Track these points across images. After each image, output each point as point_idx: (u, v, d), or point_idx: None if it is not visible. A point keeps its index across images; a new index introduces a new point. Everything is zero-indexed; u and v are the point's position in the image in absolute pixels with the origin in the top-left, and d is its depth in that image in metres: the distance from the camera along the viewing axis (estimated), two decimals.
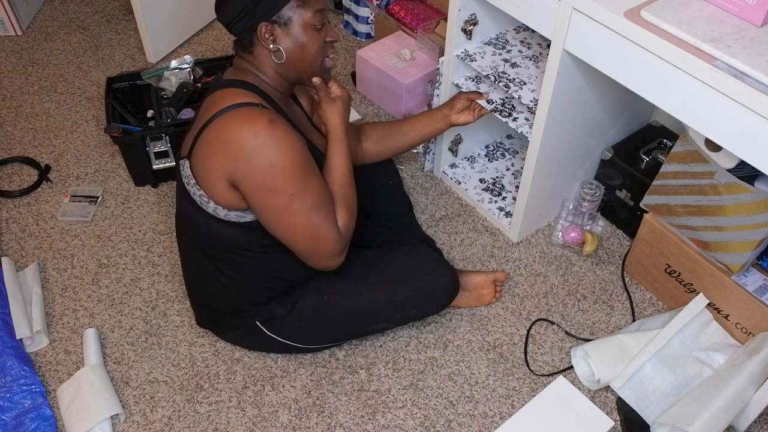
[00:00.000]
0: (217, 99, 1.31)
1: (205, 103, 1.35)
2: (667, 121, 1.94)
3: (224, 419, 1.57)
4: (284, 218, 1.31)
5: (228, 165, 1.26)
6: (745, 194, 1.46)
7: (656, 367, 1.58)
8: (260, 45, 1.33)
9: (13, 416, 1.52)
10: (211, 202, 1.33)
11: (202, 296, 1.59)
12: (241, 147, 1.24)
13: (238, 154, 1.24)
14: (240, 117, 1.25)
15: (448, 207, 2.04)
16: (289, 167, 1.26)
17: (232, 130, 1.24)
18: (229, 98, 1.29)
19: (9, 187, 2.08)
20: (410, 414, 1.58)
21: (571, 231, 1.88)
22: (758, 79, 1.15)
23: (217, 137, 1.26)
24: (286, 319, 1.53)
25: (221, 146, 1.26)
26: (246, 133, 1.23)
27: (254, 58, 1.35)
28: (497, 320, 1.76)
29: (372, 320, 1.59)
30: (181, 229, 1.52)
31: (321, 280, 1.54)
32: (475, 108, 1.77)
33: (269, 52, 1.33)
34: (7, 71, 2.47)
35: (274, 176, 1.25)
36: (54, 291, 1.82)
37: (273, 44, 1.32)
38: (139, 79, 2.14)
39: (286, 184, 1.27)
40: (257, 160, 1.24)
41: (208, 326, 1.66)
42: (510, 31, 1.89)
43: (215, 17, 2.68)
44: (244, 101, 1.28)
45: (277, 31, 1.31)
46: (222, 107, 1.28)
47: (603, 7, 1.32)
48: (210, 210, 1.35)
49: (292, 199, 1.28)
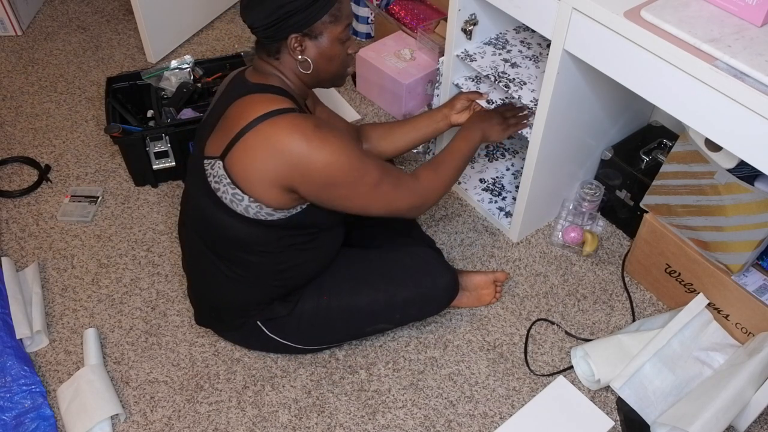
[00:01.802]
0: (251, 103, 1.32)
1: (237, 107, 1.34)
2: (667, 121, 1.94)
3: (224, 419, 1.57)
4: (354, 202, 1.38)
5: (283, 171, 1.29)
6: (745, 194, 1.46)
7: (656, 367, 1.58)
8: (288, 53, 1.36)
9: (13, 416, 1.52)
10: (245, 200, 1.33)
11: (207, 294, 1.58)
12: (295, 154, 1.28)
13: (293, 162, 1.28)
14: (286, 125, 1.28)
15: (448, 207, 2.04)
16: (344, 160, 1.31)
17: (282, 138, 1.28)
18: (266, 104, 1.31)
19: (9, 187, 2.08)
20: (410, 414, 1.59)
21: (571, 231, 1.88)
22: (758, 79, 1.15)
23: (265, 144, 1.28)
24: (286, 319, 1.53)
25: (271, 153, 1.28)
26: (297, 141, 1.27)
27: (279, 64, 1.38)
28: (497, 320, 1.76)
29: (372, 321, 1.60)
30: (190, 226, 1.52)
31: (322, 281, 1.55)
32: (475, 108, 1.77)
33: (296, 61, 1.37)
34: (7, 71, 2.47)
35: (333, 173, 1.31)
36: (54, 291, 1.82)
37: (301, 55, 1.36)
38: (139, 79, 2.14)
39: (346, 176, 1.32)
40: (313, 163, 1.28)
41: (209, 325, 1.66)
42: (510, 31, 1.89)
43: (215, 17, 2.71)
44: (282, 107, 1.31)
45: (306, 43, 1.35)
46: (261, 113, 1.29)
47: (603, 7, 1.32)
48: (239, 208, 1.35)
49: (356, 185, 1.35)
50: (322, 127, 1.30)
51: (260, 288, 1.50)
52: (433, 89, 2.12)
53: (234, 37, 2.64)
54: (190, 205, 1.48)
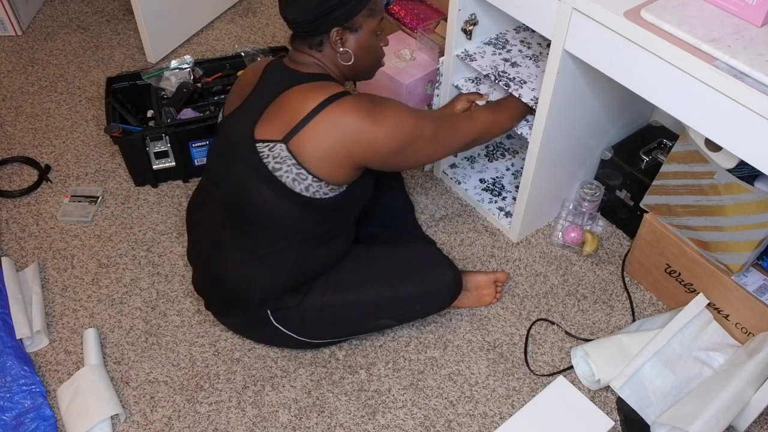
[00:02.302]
0: (311, 90, 1.39)
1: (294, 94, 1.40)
2: (667, 121, 1.94)
3: (224, 419, 1.57)
4: (418, 157, 1.47)
5: (354, 152, 1.37)
6: (745, 194, 1.46)
7: (656, 367, 1.58)
8: (329, 46, 1.43)
9: (13, 416, 1.52)
10: (308, 179, 1.38)
11: (224, 279, 1.56)
12: (364, 133, 1.36)
13: (360, 140, 1.37)
14: (349, 106, 1.37)
15: (448, 207, 2.04)
16: (404, 126, 1.41)
17: (348, 119, 1.36)
18: (326, 90, 1.39)
19: (9, 187, 2.08)
20: (410, 414, 1.59)
21: (571, 231, 1.88)
22: (758, 79, 1.15)
23: (334, 127, 1.36)
24: (293, 310, 1.54)
25: (341, 136, 1.36)
26: (362, 120, 1.36)
27: (321, 56, 1.45)
28: (497, 320, 1.76)
29: (375, 316, 1.60)
30: (219, 207, 1.52)
31: (328, 276, 1.56)
32: None
33: (337, 53, 1.44)
34: (7, 71, 2.47)
35: (398, 139, 1.40)
36: (54, 291, 1.82)
37: (342, 47, 1.43)
38: (139, 79, 2.14)
39: (408, 138, 1.42)
40: (380, 137, 1.38)
41: (218, 310, 1.65)
42: (510, 31, 1.89)
43: (215, 17, 2.71)
44: (340, 91, 1.39)
45: (346, 36, 1.43)
46: (323, 98, 1.37)
47: (603, 7, 1.32)
48: (299, 187, 1.39)
49: (418, 142, 1.44)
50: (377, 102, 1.40)
51: (279, 275, 1.51)
52: (433, 89, 2.12)
53: (234, 37, 2.64)
54: (225, 188, 1.49)
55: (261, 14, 2.75)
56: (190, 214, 1.62)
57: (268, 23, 2.71)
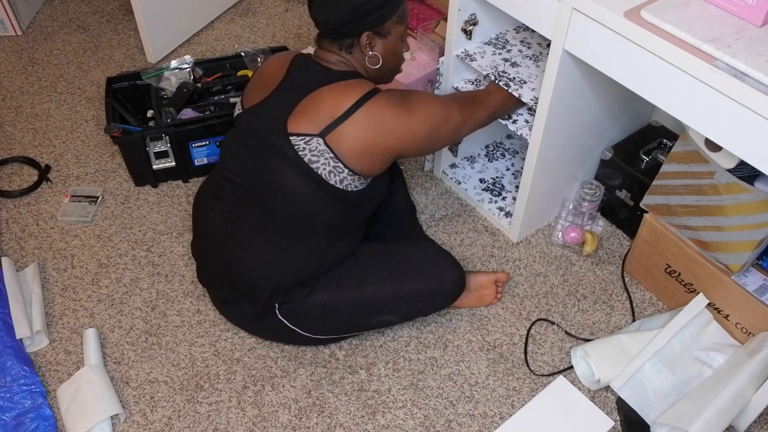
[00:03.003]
0: (348, 87, 1.44)
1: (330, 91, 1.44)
2: (667, 121, 1.94)
3: (224, 419, 1.57)
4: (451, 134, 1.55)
5: (393, 144, 1.44)
6: (745, 194, 1.46)
7: (656, 367, 1.58)
8: (359, 49, 1.48)
9: (13, 416, 1.52)
10: (345, 172, 1.43)
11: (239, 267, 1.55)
12: (398, 128, 1.43)
13: (398, 133, 1.43)
14: (384, 103, 1.43)
15: (448, 207, 2.04)
16: (434, 112, 1.48)
17: (384, 115, 1.42)
18: (361, 87, 1.44)
19: (9, 187, 2.08)
20: (410, 414, 1.58)
21: (571, 231, 1.88)
22: (758, 79, 1.15)
23: (372, 123, 1.42)
24: (298, 305, 1.55)
25: (380, 131, 1.42)
26: (398, 114, 1.43)
27: (351, 57, 1.50)
28: (497, 320, 1.76)
29: (378, 312, 1.60)
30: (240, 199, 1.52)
31: (332, 272, 1.57)
32: None
33: (366, 56, 1.50)
34: (7, 71, 2.47)
35: (430, 125, 1.48)
36: (54, 291, 1.82)
37: (371, 51, 1.49)
38: (139, 79, 2.14)
39: (439, 120, 1.49)
40: (414, 127, 1.45)
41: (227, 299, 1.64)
42: (510, 31, 1.89)
43: (215, 17, 2.71)
44: (374, 88, 1.45)
45: (375, 40, 1.48)
46: (361, 95, 1.42)
47: (603, 7, 1.32)
48: (334, 179, 1.43)
49: (448, 121, 1.52)
50: (405, 95, 1.47)
51: (294, 267, 1.52)
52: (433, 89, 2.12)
53: (234, 37, 2.64)
54: (250, 179, 1.50)
55: (261, 14, 2.75)
56: (203, 204, 1.61)
57: (268, 23, 2.71)
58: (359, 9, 1.41)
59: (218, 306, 1.69)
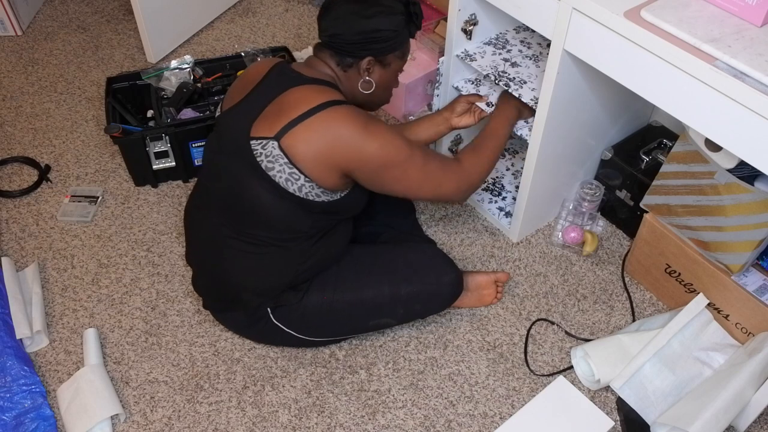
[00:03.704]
0: (313, 92, 1.41)
1: (294, 94, 1.41)
2: (667, 121, 1.94)
3: (224, 419, 1.57)
4: (405, 183, 1.46)
5: (343, 157, 1.38)
6: (745, 194, 1.46)
7: (656, 367, 1.58)
8: (356, 71, 1.48)
9: (13, 416, 1.52)
10: (301, 179, 1.39)
11: (224, 278, 1.56)
12: (354, 143, 1.38)
13: (351, 149, 1.38)
14: (345, 114, 1.38)
15: (448, 207, 2.04)
16: (395, 144, 1.42)
17: (342, 126, 1.38)
18: (327, 94, 1.41)
19: (9, 187, 2.08)
20: (410, 414, 1.59)
21: (571, 231, 1.88)
22: (758, 79, 1.15)
23: (327, 130, 1.37)
24: (293, 308, 1.54)
25: (332, 140, 1.37)
26: (354, 130, 1.38)
27: (344, 75, 1.49)
28: (497, 320, 1.76)
29: (375, 315, 1.60)
30: (216, 207, 1.52)
31: (328, 274, 1.56)
32: (475, 111, 1.77)
33: (360, 78, 1.49)
34: (7, 71, 2.47)
35: (386, 156, 1.41)
36: (54, 291, 1.82)
37: (368, 76, 1.49)
38: (139, 79, 2.14)
39: (397, 156, 1.42)
40: (368, 149, 1.38)
41: (217, 307, 1.65)
42: (510, 31, 1.89)
43: (215, 17, 2.71)
44: (341, 99, 1.42)
45: (375, 68, 1.49)
46: (323, 101, 1.38)
47: (603, 7, 1.32)
48: (293, 187, 1.40)
49: (406, 164, 1.44)
50: (373, 119, 1.42)
51: (276, 272, 1.51)
52: (433, 89, 2.12)
53: (234, 37, 2.64)
54: (221, 185, 1.49)
55: (261, 14, 2.75)
56: (189, 212, 1.62)
57: (268, 23, 2.71)
58: (372, 33, 1.42)
59: (213, 314, 1.69)
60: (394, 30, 1.44)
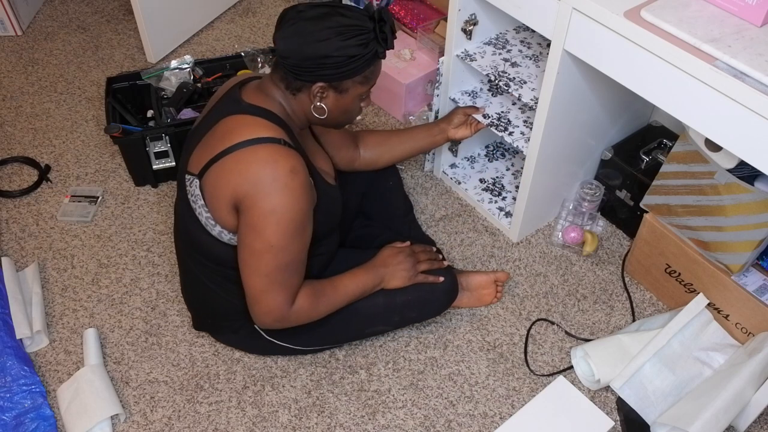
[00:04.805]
0: (240, 125, 1.29)
1: (225, 125, 1.30)
2: (667, 121, 1.94)
3: (224, 419, 1.57)
4: (252, 260, 1.30)
5: (238, 192, 1.26)
6: (745, 194, 1.46)
7: (656, 367, 1.58)
8: (306, 95, 1.32)
9: (13, 416, 1.52)
10: (217, 226, 1.33)
11: (200, 304, 1.58)
12: (256, 184, 1.24)
13: (249, 188, 1.25)
14: (265, 156, 1.25)
15: (448, 207, 2.04)
16: (284, 221, 1.26)
17: (254, 165, 1.24)
18: (254, 129, 1.27)
19: (9, 187, 2.08)
20: (410, 414, 1.58)
21: (571, 231, 1.88)
22: (758, 79, 1.15)
23: (237, 169, 1.25)
24: None
25: (237, 175, 1.25)
26: (266, 173, 1.24)
27: (292, 99, 1.34)
28: (497, 320, 1.76)
29: (370, 323, 1.59)
30: (179, 239, 1.51)
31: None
32: (472, 123, 1.78)
33: (311, 103, 1.33)
34: (7, 71, 2.47)
35: (267, 222, 1.26)
36: (54, 291, 1.82)
37: (320, 102, 1.32)
38: (139, 79, 2.14)
39: (272, 234, 1.27)
40: (263, 200, 1.25)
41: (206, 330, 1.66)
42: (510, 31, 1.89)
43: (215, 17, 2.71)
44: (269, 136, 1.27)
45: (329, 93, 1.31)
46: (246, 138, 1.26)
47: (603, 7, 1.32)
48: (215, 233, 1.35)
49: (269, 250, 1.28)
50: (296, 176, 1.26)
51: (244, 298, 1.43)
52: (433, 89, 2.12)
53: (234, 37, 2.64)
54: (178, 218, 1.47)
55: (261, 14, 2.75)
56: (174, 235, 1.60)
57: (268, 23, 2.71)
58: (324, 58, 1.24)
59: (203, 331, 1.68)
60: (351, 56, 1.24)
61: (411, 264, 1.55)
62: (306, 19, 1.24)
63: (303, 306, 1.39)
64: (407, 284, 1.54)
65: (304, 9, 1.26)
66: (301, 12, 1.26)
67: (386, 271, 1.53)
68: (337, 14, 1.25)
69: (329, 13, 1.25)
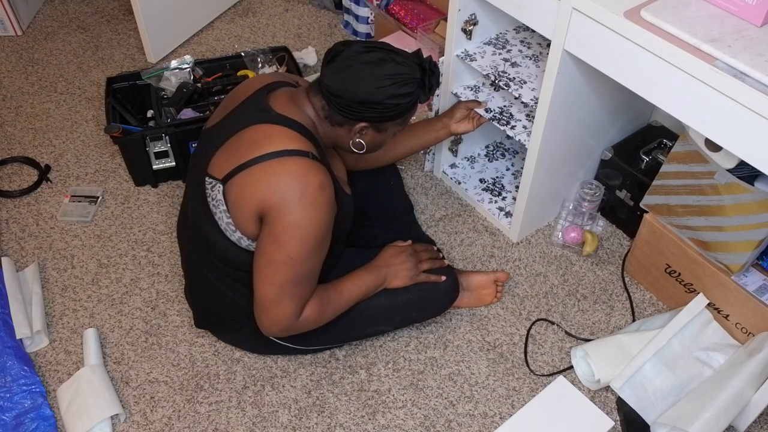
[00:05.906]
0: (271, 135, 1.29)
1: (254, 133, 1.31)
2: (667, 121, 1.94)
3: (224, 419, 1.57)
4: (269, 269, 1.32)
5: (265, 202, 1.27)
6: (745, 194, 1.46)
7: (656, 367, 1.58)
8: (347, 130, 1.36)
9: (13, 416, 1.52)
10: (237, 232, 1.34)
11: (205, 303, 1.58)
12: (284, 196, 1.26)
13: (277, 200, 1.27)
14: (294, 169, 1.27)
15: (448, 207, 2.04)
16: (308, 236, 1.29)
17: (283, 178, 1.26)
18: (284, 140, 1.29)
19: (9, 187, 2.08)
20: (410, 414, 1.58)
21: (571, 231, 1.88)
22: (758, 79, 1.15)
23: (265, 179, 1.27)
24: None
25: (265, 186, 1.27)
26: (295, 187, 1.26)
27: (331, 129, 1.37)
28: (497, 320, 1.76)
29: (372, 323, 1.59)
30: (188, 240, 1.51)
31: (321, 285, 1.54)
32: (474, 117, 1.78)
33: (349, 138, 1.38)
34: (7, 71, 2.47)
35: (291, 235, 1.28)
36: (54, 291, 1.82)
37: (359, 138, 1.38)
38: (139, 79, 2.13)
39: (294, 247, 1.29)
40: (290, 214, 1.27)
41: (208, 328, 1.66)
42: (510, 31, 1.89)
43: (215, 17, 2.71)
44: (299, 149, 1.28)
45: (368, 131, 1.37)
46: (276, 149, 1.27)
47: (603, 7, 1.32)
48: (233, 238, 1.35)
49: (287, 261, 1.30)
50: (324, 191, 1.28)
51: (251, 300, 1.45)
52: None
53: (234, 37, 2.64)
54: (188, 211, 1.47)
55: (261, 14, 2.75)
56: (178, 229, 1.60)
57: (268, 23, 2.71)
58: (372, 104, 1.30)
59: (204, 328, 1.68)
60: (398, 103, 1.31)
61: (413, 263, 1.56)
62: (363, 63, 1.28)
63: (310, 316, 1.40)
64: (409, 283, 1.55)
65: (361, 51, 1.30)
66: (359, 54, 1.29)
67: (389, 270, 1.54)
68: (391, 61, 1.30)
69: (385, 59, 1.30)
